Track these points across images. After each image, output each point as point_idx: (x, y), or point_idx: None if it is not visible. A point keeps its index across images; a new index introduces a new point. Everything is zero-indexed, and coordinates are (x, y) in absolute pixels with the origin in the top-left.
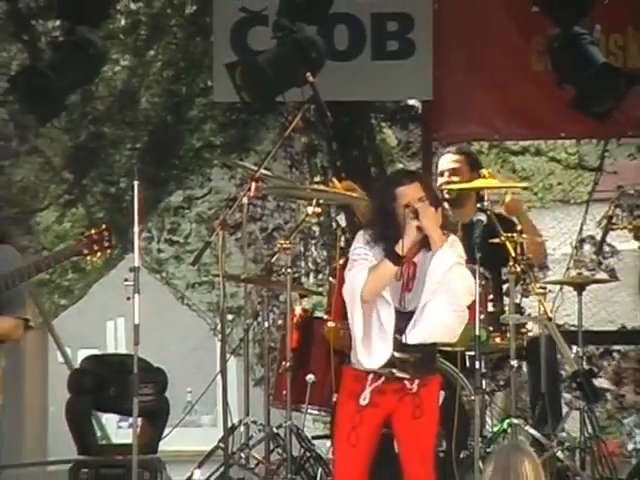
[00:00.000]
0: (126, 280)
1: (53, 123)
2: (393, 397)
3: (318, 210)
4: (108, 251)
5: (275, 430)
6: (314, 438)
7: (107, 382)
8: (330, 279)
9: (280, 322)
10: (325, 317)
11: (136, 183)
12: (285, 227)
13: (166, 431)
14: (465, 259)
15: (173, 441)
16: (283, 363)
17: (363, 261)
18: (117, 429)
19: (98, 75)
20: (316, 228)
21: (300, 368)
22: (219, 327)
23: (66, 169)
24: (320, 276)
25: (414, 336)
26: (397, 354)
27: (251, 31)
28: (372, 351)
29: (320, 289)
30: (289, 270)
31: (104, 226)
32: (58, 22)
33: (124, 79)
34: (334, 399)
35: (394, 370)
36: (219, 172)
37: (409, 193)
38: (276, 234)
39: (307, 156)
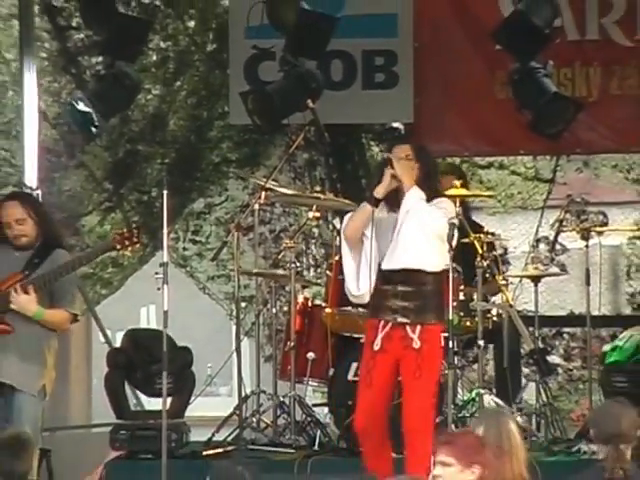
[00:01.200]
0: (157, 273)
1: (96, 142)
2: (399, 344)
3: (317, 215)
4: (137, 246)
5: (281, 399)
6: (314, 406)
7: (136, 365)
8: (327, 272)
9: (285, 309)
10: (323, 304)
11: (165, 192)
12: (290, 229)
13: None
14: (449, 213)
15: (196, 408)
16: (288, 343)
17: None
18: (149, 398)
19: (133, 102)
20: (315, 230)
21: (302, 347)
22: (235, 313)
23: (106, 180)
24: (319, 270)
25: (391, 263)
26: (399, 302)
27: (261, 65)
28: (359, 280)
29: (319, 281)
30: (293, 265)
31: (134, 226)
32: (100, 58)
33: (155, 105)
34: (330, 373)
35: (397, 316)
36: (234, 183)
37: (398, 150)
38: (282, 235)
39: (308, 170)
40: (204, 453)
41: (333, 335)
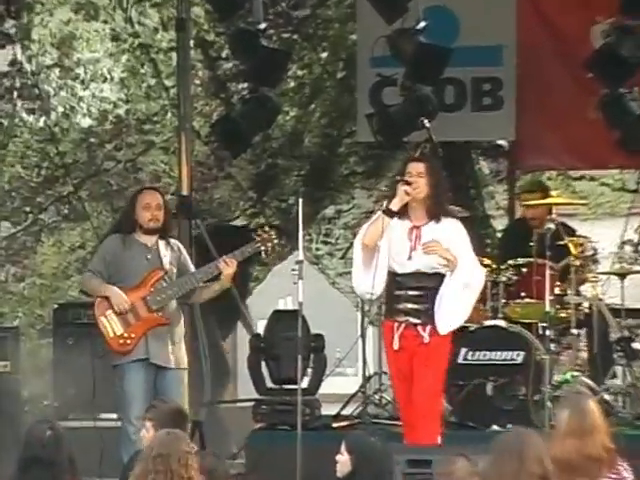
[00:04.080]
0: (293, 270)
1: (242, 156)
2: (413, 342)
3: None
4: (276, 242)
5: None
6: None
7: (269, 352)
8: None
9: None
10: None
11: (300, 200)
12: None
13: None
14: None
15: (326, 386)
16: None
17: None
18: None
19: (274, 122)
20: None
21: None
22: (360, 304)
23: (251, 189)
24: None
25: (405, 267)
26: (410, 305)
27: (384, 90)
28: (374, 283)
29: None
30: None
31: (268, 227)
32: (246, 84)
33: (292, 125)
34: None
35: (409, 318)
36: (360, 192)
37: (412, 167)
38: None
39: None
40: (333, 425)
41: None
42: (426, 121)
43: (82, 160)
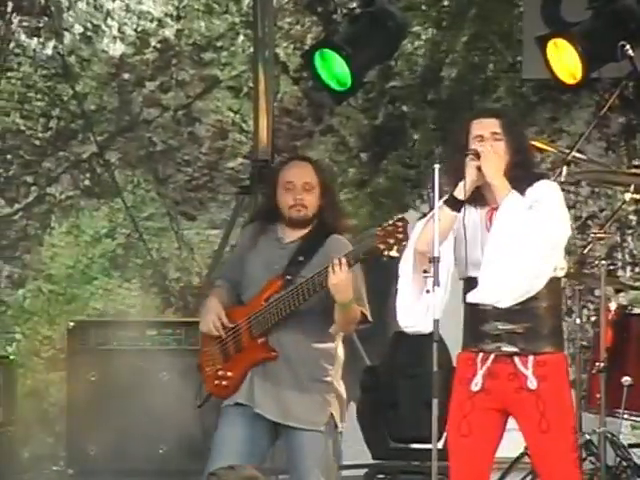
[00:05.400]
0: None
1: (349, 102)
2: (508, 384)
3: (637, 197)
4: (403, 244)
5: (587, 437)
6: (631, 446)
7: (388, 394)
8: None
9: (594, 319)
10: None
11: (437, 167)
12: (600, 215)
13: None
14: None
15: None
16: (596, 364)
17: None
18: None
19: (398, 50)
20: (634, 217)
21: (616, 369)
22: None
23: (362, 150)
24: (638, 269)
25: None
26: (501, 325)
27: (565, 1)
28: (419, 309)
29: (638, 283)
30: (603, 262)
31: (397, 218)
32: None
33: (426, 54)
34: None
35: (501, 344)
36: None
37: (480, 127)
38: (590, 223)
39: (625, 137)
40: None
41: None
42: (628, 47)
43: (111, 106)
